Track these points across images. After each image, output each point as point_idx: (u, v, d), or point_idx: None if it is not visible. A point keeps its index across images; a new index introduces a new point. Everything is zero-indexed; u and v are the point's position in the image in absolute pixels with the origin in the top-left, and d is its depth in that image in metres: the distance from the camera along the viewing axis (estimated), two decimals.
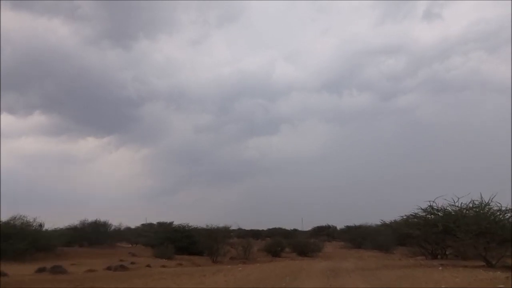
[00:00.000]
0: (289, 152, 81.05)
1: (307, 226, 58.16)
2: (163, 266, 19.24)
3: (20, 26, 66.94)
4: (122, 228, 33.59)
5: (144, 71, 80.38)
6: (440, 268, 11.78)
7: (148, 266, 17.52)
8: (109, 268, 15.69)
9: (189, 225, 29.62)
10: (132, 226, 43.47)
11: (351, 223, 44.43)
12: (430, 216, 13.78)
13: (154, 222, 43.36)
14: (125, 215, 76.39)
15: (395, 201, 54.60)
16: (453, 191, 13.60)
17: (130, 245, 34.93)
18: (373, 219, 43.09)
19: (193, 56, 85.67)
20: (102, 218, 28.41)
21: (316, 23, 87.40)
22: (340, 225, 53.06)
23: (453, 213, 13.37)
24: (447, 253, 17.17)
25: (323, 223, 56.38)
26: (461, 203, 13.36)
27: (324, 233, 50.95)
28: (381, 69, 78.93)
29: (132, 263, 20.47)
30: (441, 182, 54.34)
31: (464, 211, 13.13)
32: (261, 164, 79.03)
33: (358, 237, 35.82)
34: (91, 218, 28.36)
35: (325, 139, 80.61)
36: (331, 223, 54.52)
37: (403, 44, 78.27)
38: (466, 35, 75.37)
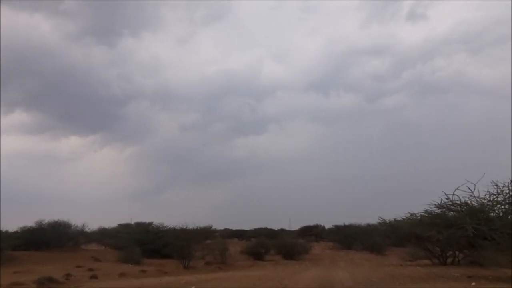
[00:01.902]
0: (277, 151, 78.61)
1: (295, 226, 55.48)
2: (122, 275, 15.34)
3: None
4: (91, 228, 29.45)
5: (129, 69, 76.82)
6: (473, 283, 8.13)
7: (94, 277, 13.51)
8: (37, 282, 11.75)
9: (164, 225, 26.26)
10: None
11: (339, 222, 41.05)
12: (449, 213, 10.14)
13: (142, 221, 38.95)
14: (111, 215, 71.72)
15: (383, 200, 54.25)
16: (440, 189, 11.04)
17: (103, 247, 30.89)
18: (362, 218, 40.03)
19: (180, 54, 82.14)
20: (78, 219, 25.02)
21: (304, 23, 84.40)
22: (328, 225, 49.60)
23: (476, 206, 9.85)
24: (459, 257, 13.56)
25: (311, 223, 52.97)
26: (487, 193, 9.83)
27: (312, 233, 47.74)
28: (368, 70, 76.16)
29: (90, 269, 16.71)
30: (428, 181, 53.38)
31: (494, 208, 9.60)
32: (249, 164, 76.00)
33: (348, 237, 32.21)
34: (75, 219, 25.37)
35: (313, 138, 78.25)
36: (320, 223, 51.27)
37: (389, 45, 75.91)
38: (451, 36, 73.49)
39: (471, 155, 60.36)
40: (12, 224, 23.66)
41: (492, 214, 9.58)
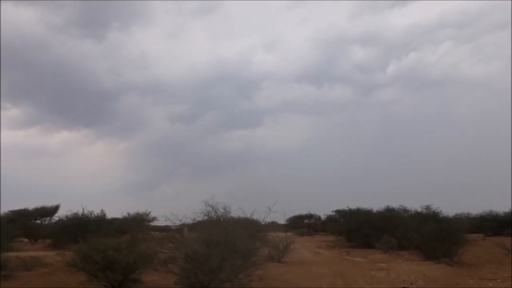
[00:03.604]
0: (273, 144, 68.41)
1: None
2: None
3: None
4: None
5: (119, 61, 66.49)
6: None
7: None
8: None
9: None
10: None
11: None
12: None
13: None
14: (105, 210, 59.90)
15: (382, 193, 45.85)
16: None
17: None
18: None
19: (172, 46, 70.83)
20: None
21: (296, 12, 73.13)
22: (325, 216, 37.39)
23: None
24: None
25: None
26: None
27: (304, 224, 35.21)
28: (363, 61, 64.52)
29: None
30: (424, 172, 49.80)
31: None
32: (245, 156, 66.97)
33: (364, 228, 18.48)
34: None
35: (309, 130, 67.95)
36: (316, 213, 39.96)
37: (384, 34, 64.29)
38: (445, 25, 62.85)
39: (468, 147, 52.02)
40: None
41: None
